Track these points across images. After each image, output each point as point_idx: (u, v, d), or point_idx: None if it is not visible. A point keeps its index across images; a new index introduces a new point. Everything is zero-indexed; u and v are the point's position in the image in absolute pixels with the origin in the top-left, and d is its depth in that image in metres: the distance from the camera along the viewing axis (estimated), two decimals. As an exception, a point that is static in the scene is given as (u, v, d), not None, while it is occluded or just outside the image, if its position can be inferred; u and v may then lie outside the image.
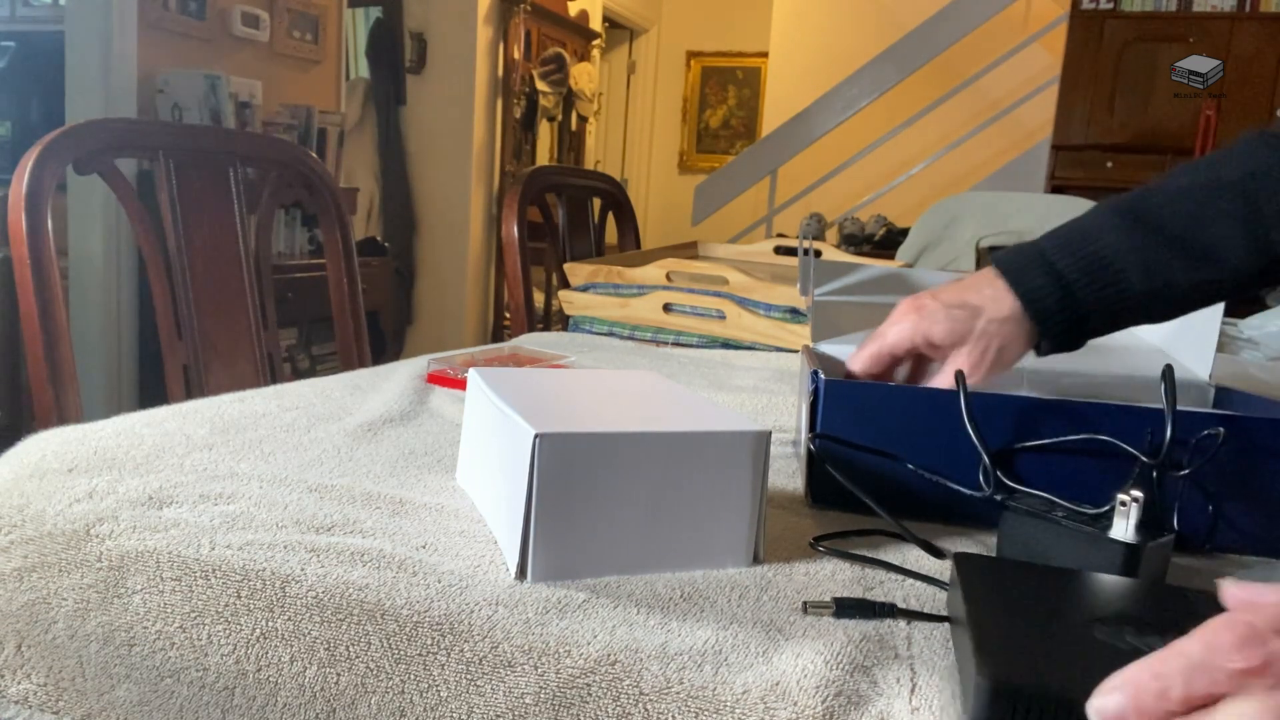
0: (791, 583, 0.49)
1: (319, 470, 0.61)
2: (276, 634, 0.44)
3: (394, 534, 0.52)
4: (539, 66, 4.39)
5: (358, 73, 4.17)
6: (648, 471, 0.48)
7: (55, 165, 1.02)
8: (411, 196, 4.14)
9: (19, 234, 0.97)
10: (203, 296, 1.19)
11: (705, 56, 6.58)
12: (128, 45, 2.65)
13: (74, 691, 0.47)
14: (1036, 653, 0.38)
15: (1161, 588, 0.47)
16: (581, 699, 0.40)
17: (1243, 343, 1.43)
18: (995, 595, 0.43)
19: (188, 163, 1.19)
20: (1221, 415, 0.57)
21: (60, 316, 0.98)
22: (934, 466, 0.60)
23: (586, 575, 0.48)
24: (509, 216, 1.62)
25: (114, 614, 0.46)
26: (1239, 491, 0.57)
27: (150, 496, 0.54)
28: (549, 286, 1.91)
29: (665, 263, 1.34)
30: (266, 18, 3.12)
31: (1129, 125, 4.13)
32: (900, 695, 0.39)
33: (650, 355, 1.17)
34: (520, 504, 0.47)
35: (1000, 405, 0.59)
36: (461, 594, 0.45)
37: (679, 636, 0.43)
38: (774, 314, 1.23)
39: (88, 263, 2.68)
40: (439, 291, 4.19)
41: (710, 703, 0.39)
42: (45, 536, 0.50)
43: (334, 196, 1.36)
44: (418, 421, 0.76)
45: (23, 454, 0.60)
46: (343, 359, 1.37)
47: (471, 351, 1.01)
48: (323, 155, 3.27)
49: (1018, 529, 0.53)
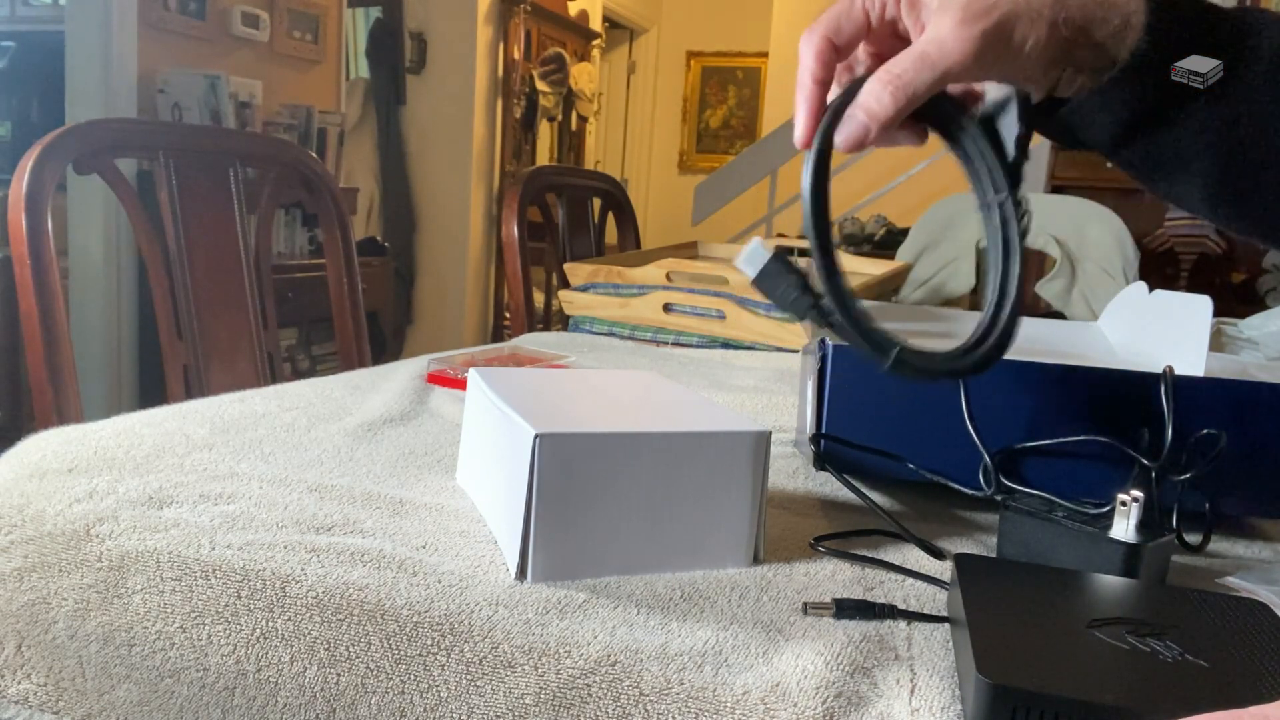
0: (791, 583, 0.49)
1: (319, 470, 0.61)
2: (276, 634, 0.44)
3: (394, 534, 0.52)
4: (539, 66, 4.39)
5: (358, 73, 4.17)
6: (648, 471, 0.48)
7: (55, 165, 1.02)
8: (411, 196, 4.14)
9: (19, 234, 0.97)
10: (203, 296, 1.19)
11: (705, 56, 6.58)
12: (128, 45, 2.65)
13: (74, 691, 0.47)
14: (1037, 653, 0.38)
15: (1161, 588, 0.47)
16: (581, 699, 0.40)
17: (1243, 343, 1.43)
18: (995, 595, 0.43)
19: (188, 163, 1.19)
20: (1220, 381, 0.57)
21: (60, 316, 0.98)
22: (934, 466, 0.60)
23: (586, 575, 0.48)
24: (509, 216, 1.62)
25: (114, 614, 0.46)
26: (1246, 458, 0.57)
27: (150, 496, 0.54)
28: (549, 286, 1.91)
29: (665, 263, 1.34)
30: (266, 18, 3.11)
31: (1129, 125, 4.12)
32: (900, 696, 0.39)
33: (650, 355, 1.17)
34: (520, 504, 0.47)
35: (1001, 405, 0.59)
36: (461, 594, 0.45)
37: (679, 637, 0.43)
38: (774, 314, 1.23)
39: (88, 263, 2.67)
40: (439, 291, 4.19)
41: (710, 703, 0.39)
42: (45, 536, 0.50)
43: (334, 196, 1.36)
44: (418, 421, 0.76)
45: (23, 454, 0.60)
46: (343, 359, 1.37)
47: (471, 351, 1.01)
48: (323, 155, 3.27)
49: (1018, 529, 0.53)
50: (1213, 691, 0.36)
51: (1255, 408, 0.57)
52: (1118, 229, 2.05)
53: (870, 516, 0.59)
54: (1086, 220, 2.08)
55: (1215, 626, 0.41)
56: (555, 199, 1.78)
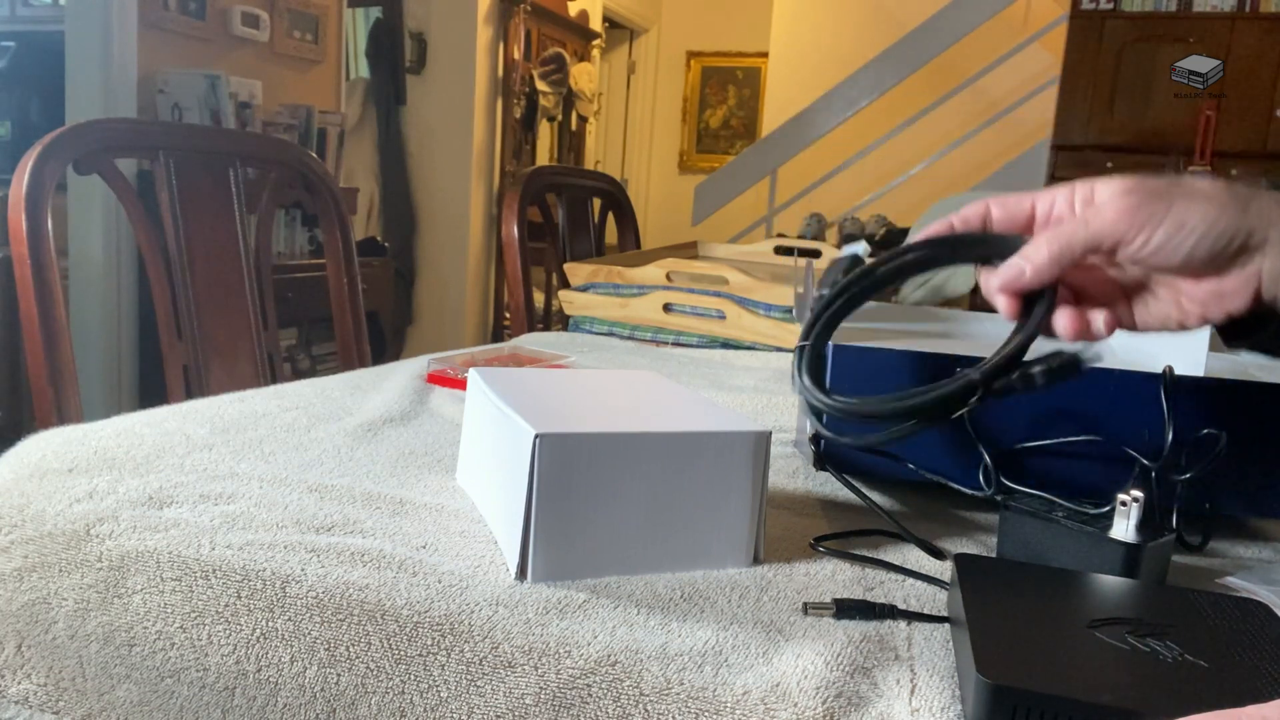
0: (791, 583, 0.49)
1: (319, 470, 0.61)
2: (277, 634, 0.44)
3: (394, 534, 0.52)
4: (539, 66, 4.39)
5: (358, 73, 4.17)
6: (648, 471, 0.48)
7: (55, 165, 1.02)
8: (411, 196, 4.14)
9: (19, 234, 0.97)
10: (203, 296, 1.19)
11: (705, 56, 6.58)
12: (128, 45, 2.65)
13: (74, 691, 0.47)
14: (1036, 653, 0.38)
15: (1161, 588, 0.47)
16: (582, 700, 0.40)
17: (1243, 343, 1.43)
18: (995, 596, 0.43)
19: (188, 163, 1.19)
20: (1220, 381, 0.57)
21: (60, 316, 0.98)
22: (934, 466, 0.60)
23: (586, 575, 0.48)
24: (509, 216, 1.62)
25: (114, 614, 0.46)
26: (1246, 458, 0.57)
27: (150, 496, 0.54)
28: (549, 286, 1.91)
29: (665, 263, 1.34)
30: (266, 18, 3.11)
31: (1129, 125, 4.13)
32: (900, 696, 0.39)
33: (650, 355, 1.17)
34: (520, 504, 0.47)
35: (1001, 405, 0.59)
36: (461, 594, 0.45)
37: (679, 637, 0.43)
38: (774, 314, 1.23)
39: (88, 263, 2.67)
40: (439, 291, 4.19)
41: (710, 704, 0.39)
42: (45, 536, 0.50)
43: (334, 196, 1.36)
44: (418, 421, 0.76)
45: (23, 454, 0.60)
46: (343, 359, 1.37)
47: (471, 351, 1.01)
48: (323, 155, 3.27)
49: (1018, 529, 0.53)
50: (1213, 691, 0.36)
51: (1255, 408, 0.58)
52: (1118, 229, 2.05)
53: (870, 516, 0.59)
54: (1086, 220, 2.07)
55: (1215, 626, 0.41)
56: (555, 199, 1.78)
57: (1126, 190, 0.47)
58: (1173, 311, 0.50)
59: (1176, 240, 0.46)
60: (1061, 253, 0.48)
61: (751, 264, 1.71)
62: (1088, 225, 0.47)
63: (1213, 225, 0.45)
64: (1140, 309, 0.51)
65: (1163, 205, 0.46)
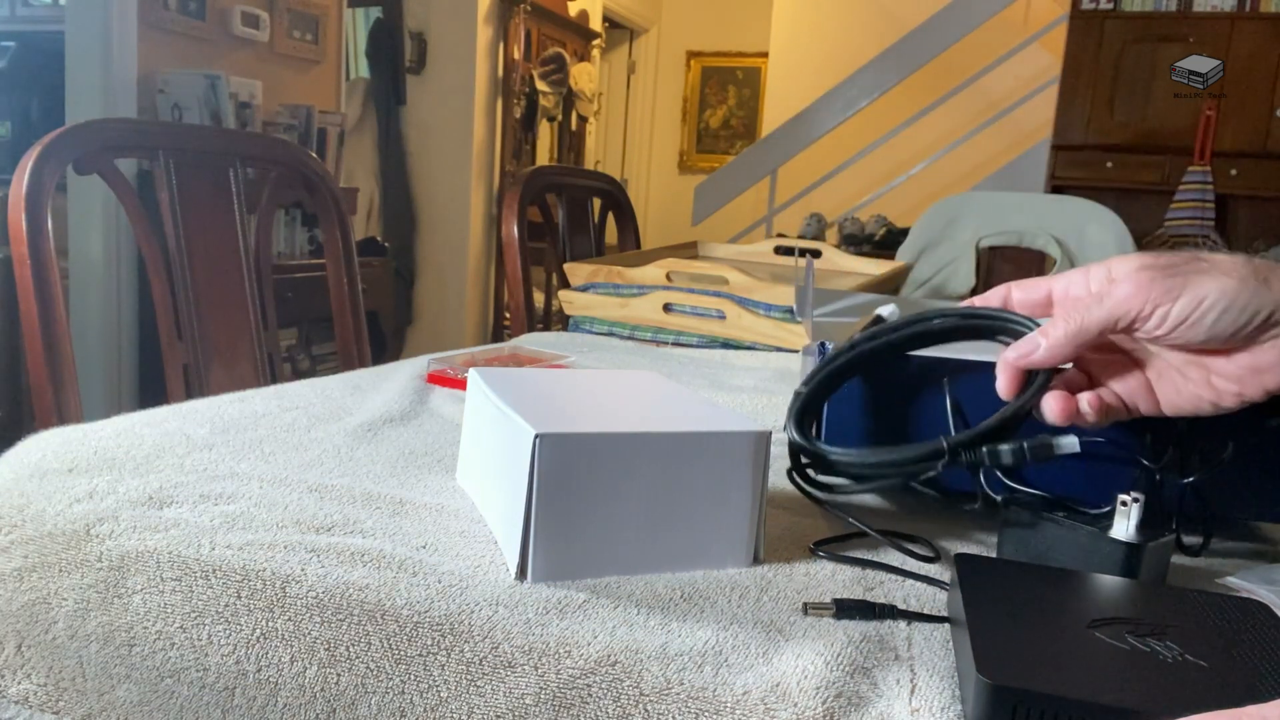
0: (791, 583, 0.49)
1: (319, 470, 0.61)
2: (277, 634, 0.44)
3: (394, 534, 0.52)
4: (539, 66, 4.39)
5: (358, 73, 4.17)
6: (648, 471, 0.48)
7: (55, 165, 1.02)
8: (411, 196, 4.14)
9: (19, 234, 0.97)
10: (203, 296, 1.19)
11: (705, 56, 6.58)
12: (128, 45, 2.65)
13: (74, 691, 0.47)
14: (1037, 654, 0.38)
15: (1161, 588, 0.47)
16: (582, 700, 0.40)
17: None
18: (995, 596, 0.43)
19: (188, 163, 1.19)
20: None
21: (60, 316, 0.98)
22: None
23: (586, 575, 0.48)
24: (509, 216, 1.62)
25: (114, 614, 0.46)
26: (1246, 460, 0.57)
27: (150, 496, 0.54)
28: (549, 286, 1.91)
29: (665, 263, 1.34)
30: (266, 18, 3.11)
31: (1129, 125, 4.13)
32: (900, 697, 0.39)
33: (650, 355, 1.17)
34: (520, 504, 0.47)
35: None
36: (461, 594, 0.45)
37: (679, 637, 0.43)
38: (774, 314, 1.23)
39: (88, 263, 2.67)
40: (439, 291, 4.19)
41: (710, 704, 0.39)
42: (45, 536, 0.50)
43: (334, 196, 1.36)
44: (418, 421, 0.76)
45: (23, 454, 0.60)
46: (343, 359, 1.37)
47: (471, 351, 1.01)
48: (323, 155, 3.27)
49: (1018, 529, 0.53)
50: (1213, 691, 0.36)
51: (1255, 408, 0.57)
52: (1118, 229, 2.05)
53: (871, 517, 0.59)
54: (1086, 220, 2.08)
55: (1215, 626, 0.41)
56: (555, 199, 1.78)
57: (1141, 267, 0.46)
58: (1204, 392, 0.49)
59: (1195, 316, 0.45)
60: (1078, 331, 0.47)
61: (751, 264, 1.71)
62: (1103, 303, 0.47)
63: (1234, 300, 0.45)
64: (1169, 392, 0.50)
65: (1179, 280, 0.45)
